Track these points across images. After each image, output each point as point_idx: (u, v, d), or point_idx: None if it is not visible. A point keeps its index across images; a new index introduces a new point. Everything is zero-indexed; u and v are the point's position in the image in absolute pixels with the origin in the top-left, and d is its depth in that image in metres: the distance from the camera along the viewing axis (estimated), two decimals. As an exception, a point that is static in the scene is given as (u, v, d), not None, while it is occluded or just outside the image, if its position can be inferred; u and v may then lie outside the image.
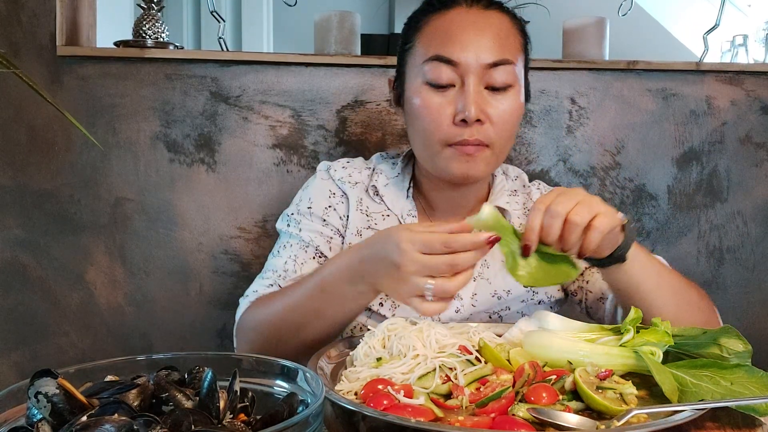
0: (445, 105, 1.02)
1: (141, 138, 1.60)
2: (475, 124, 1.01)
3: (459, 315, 1.11)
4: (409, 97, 1.07)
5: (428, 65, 1.03)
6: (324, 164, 1.19)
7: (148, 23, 1.61)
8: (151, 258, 1.62)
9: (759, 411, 0.71)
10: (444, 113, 1.02)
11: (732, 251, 1.72)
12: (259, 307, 1.03)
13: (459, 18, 1.04)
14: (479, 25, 1.03)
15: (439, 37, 1.04)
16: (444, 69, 1.02)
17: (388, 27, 4.76)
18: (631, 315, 0.82)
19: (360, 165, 1.18)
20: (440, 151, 1.04)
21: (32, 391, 0.52)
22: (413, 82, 1.06)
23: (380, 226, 1.12)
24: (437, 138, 1.03)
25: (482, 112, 1.01)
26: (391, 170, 1.17)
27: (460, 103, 1.01)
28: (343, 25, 1.63)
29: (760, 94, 1.70)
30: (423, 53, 1.05)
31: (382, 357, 0.81)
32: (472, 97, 1.00)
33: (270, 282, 1.08)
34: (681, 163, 1.71)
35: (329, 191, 1.14)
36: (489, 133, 1.02)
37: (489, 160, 1.05)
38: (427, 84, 1.03)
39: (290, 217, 1.14)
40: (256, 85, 1.61)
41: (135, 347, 1.63)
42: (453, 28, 1.03)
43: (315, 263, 1.09)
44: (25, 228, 1.59)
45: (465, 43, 1.01)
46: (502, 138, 1.04)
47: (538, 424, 0.67)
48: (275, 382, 0.65)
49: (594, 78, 1.68)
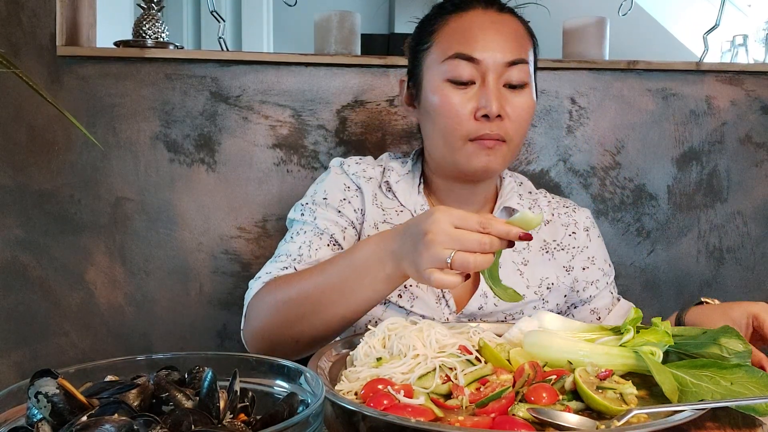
0: (465, 102, 1.05)
1: (141, 138, 1.60)
2: (495, 120, 1.05)
3: (481, 312, 1.12)
4: (428, 95, 1.10)
5: (449, 63, 1.06)
6: (337, 160, 1.20)
7: (148, 23, 1.61)
8: (151, 258, 1.62)
9: (759, 411, 0.71)
10: (465, 109, 1.05)
11: (732, 251, 1.72)
12: (279, 287, 1.01)
13: (477, 18, 1.08)
14: (497, 26, 1.07)
15: (459, 36, 1.07)
16: (465, 66, 1.05)
17: (388, 27, 4.75)
18: (631, 315, 0.82)
19: (372, 162, 1.20)
20: (462, 146, 1.07)
21: (32, 391, 0.52)
22: (432, 80, 1.09)
23: (395, 222, 1.14)
24: (459, 133, 1.06)
25: (502, 108, 1.05)
26: (401, 167, 1.19)
27: (482, 99, 1.04)
28: (343, 25, 1.63)
29: (760, 94, 1.70)
30: (443, 52, 1.08)
31: (382, 357, 0.81)
32: (494, 93, 1.04)
33: (284, 265, 1.07)
34: (681, 163, 1.71)
35: (344, 185, 1.16)
36: (507, 128, 1.06)
37: (506, 155, 1.09)
38: (448, 81, 1.06)
39: (304, 206, 1.15)
40: (256, 85, 1.61)
41: (135, 347, 1.63)
42: (473, 27, 1.07)
43: (330, 250, 1.09)
44: (25, 228, 1.59)
45: (486, 42, 1.05)
46: (518, 134, 1.08)
47: (538, 424, 0.67)
48: (275, 382, 0.64)
49: (594, 78, 1.68)
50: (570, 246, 1.19)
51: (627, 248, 1.71)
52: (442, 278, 0.81)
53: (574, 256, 1.19)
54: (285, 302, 0.98)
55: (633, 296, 1.72)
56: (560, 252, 1.19)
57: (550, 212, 1.21)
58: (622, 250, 1.71)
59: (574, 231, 1.20)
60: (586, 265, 1.20)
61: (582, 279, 1.19)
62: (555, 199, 1.25)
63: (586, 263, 1.20)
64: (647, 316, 0.84)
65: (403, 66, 1.61)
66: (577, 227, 1.21)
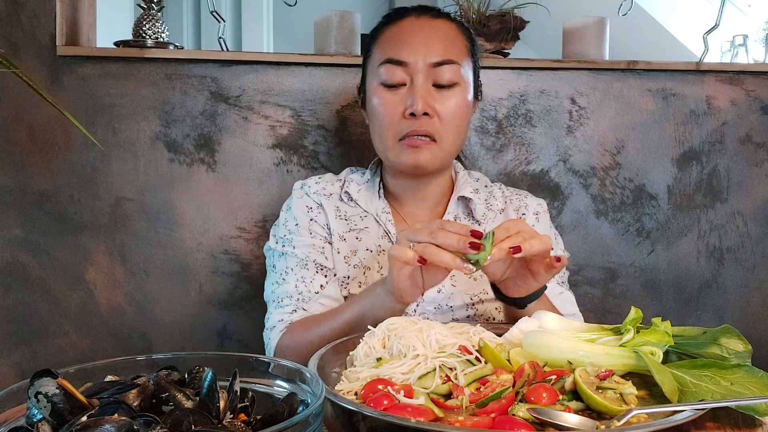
0: (397, 102, 1.14)
1: (141, 138, 1.60)
2: (423, 118, 1.12)
3: (441, 294, 1.17)
4: (369, 98, 1.20)
5: (383, 68, 1.16)
6: (298, 183, 1.28)
7: (148, 23, 1.61)
8: (151, 258, 1.62)
9: (759, 411, 0.71)
10: (396, 110, 1.14)
11: (732, 251, 1.72)
12: (299, 333, 1.11)
13: (408, 25, 1.18)
14: (426, 30, 1.16)
15: (392, 42, 1.17)
16: (395, 70, 1.14)
17: (388, 27, 4.75)
18: (631, 315, 0.82)
19: (331, 178, 1.29)
20: (393, 145, 1.16)
21: (32, 391, 0.52)
22: (371, 84, 1.19)
23: (360, 226, 1.22)
24: (391, 132, 1.15)
25: (429, 106, 1.13)
26: (360, 178, 1.28)
27: (409, 99, 1.13)
28: (343, 25, 1.63)
29: (760, 94, 1.70)
30: (378, 58, 1.18)
31: (382, 357, 0.81)
32: (419, 92, 1.12)
33: (292, 308, 1.16)
34: (681, 163, 1.71)
35: (306, 206, 1.24)
36: (436, 126, 1.14)
37: (436, 153, 1.15)
38: (382, 84, 1.16)
39: (282, 238, 1.22)
40: (256, 85, 1.61)
41: (135, 347, 1.63)
42: (403, 34, 1.17)
43: (321, 277, 1.18)
44: (25, 228, 1.59)
45: (413, 46, 1.14)
46: (449, 132, 1.15)
47: (538, 424, 0.67)
48: (275, 382, 0.65)
49: (594, 78, 1.68)
50: None
51: (627, 248, 1.71)
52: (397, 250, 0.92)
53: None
54: (306, 346, 1.05)
55: (633, 296, 1.72)
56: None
57: (504, 201, 1.28)
58: (622, 250, 1.71)
59: (524, 213, 1.26)
60: None
61: None
62: (510, 190, 1.31)
63: None
64: (647, 316, 0.84)
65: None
66: (527, 210, 1.27)
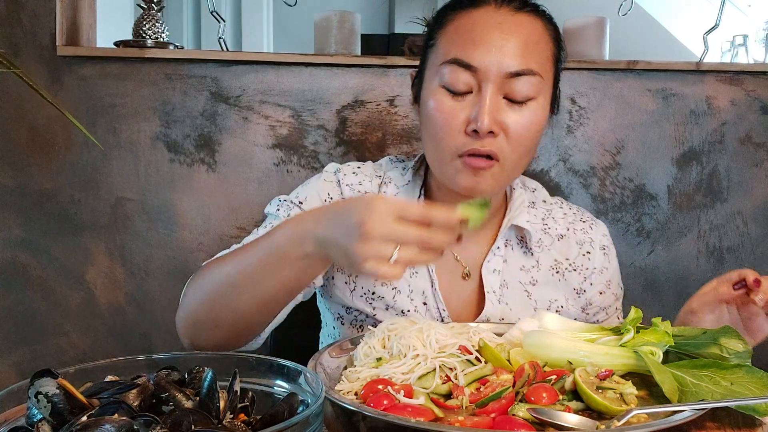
0: (458, 111, 0.95)
1: (141, 138, 1.60)
2: (487, 136, 0.94)
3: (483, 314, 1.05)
4: (425, 98, 1.01)
5: (446, 68, 0.96)
6: (333, 166, 1.11)
7: (148, 23, 1.61)
8: (151, 258, 1.62)
9: (759, 411, 0.71)
10: (457, 120, 0.95)
11: (732, 251, 1.72)
12: (209, 269, 0.95)
13: (484, 19, 0.96)
14: (505, 28, 0.95)
15: (461, 38, 0.96)
16: (462, 74, 0.94)
17: (388, 27, 4.75)
18: (631, 315, 0.82)
19: (370, 173, 1.11)
20: (449, 161, 0.97)
21: (32, 391, 0.52)
22: (430, 83, 0.99)
23: None
24: (447, 146, 0.97)
25: (496, 123, 0.94)
26: (401, 178, 1.10)
27: (474, 111, 0.94)
28: (343, 25, 1.63)
29: (760, 94, 1.70)
30: (443, 54, 0.97)
31: (382, 357, 0.81)
32: (487, 106, 0.93)
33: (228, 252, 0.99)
34: (681, 163, 1.71)
35: (328, 195, 1.07)
36: (502, 145, 0.95)
37: (499, 177, 0.98)
38: (444, 88, 0.96)
39: (282, 202, 1.08)
40: (256, 85, 1.61)
41: (135, 347, 1.63)
42: (476, 29, 0.95)
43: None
44: (25, 228, 1.59)
45: (487, 47, 0.94)
46: (515, 153, 0.97)
47: (538, 424, 0.67)
48: (275, 382, 0.64)
49: (594, 78, 1.68)
50: (583, 267, 1.09)
51: (627, 248, 1.71)
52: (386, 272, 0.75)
53: (586, 278, 1.09)
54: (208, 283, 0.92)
55: (633, 296, 1.72)
56: (572, 273, 1.08)
57: (565, 227, 1.11)
58: (622, 250, 1.71)
59: (588, 251, 1.10)
60: (603, 289, 1.10)
61: (596, 303, 1.10)
62: (572, 211, 1.14)
63: (603, 287, 1.10)
64: (647, 316, 0.84)
65: (403, 66, 1.62)
66: (593, 246, 1.10)
